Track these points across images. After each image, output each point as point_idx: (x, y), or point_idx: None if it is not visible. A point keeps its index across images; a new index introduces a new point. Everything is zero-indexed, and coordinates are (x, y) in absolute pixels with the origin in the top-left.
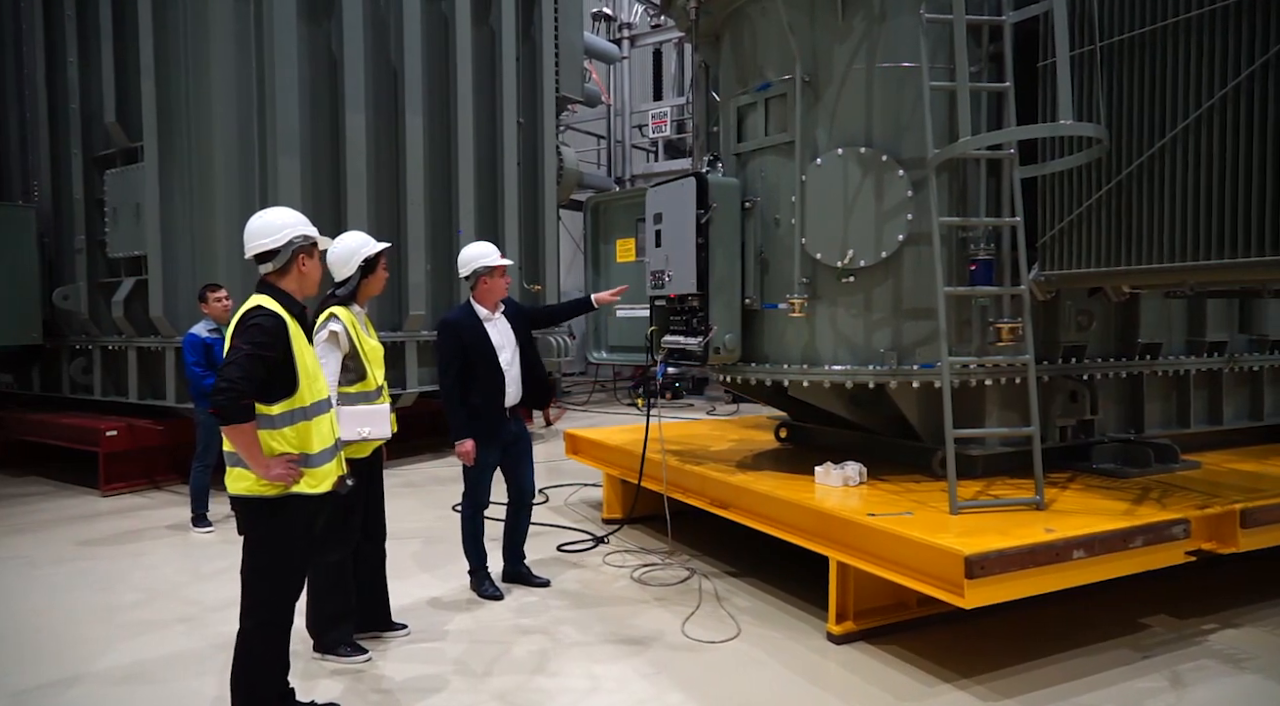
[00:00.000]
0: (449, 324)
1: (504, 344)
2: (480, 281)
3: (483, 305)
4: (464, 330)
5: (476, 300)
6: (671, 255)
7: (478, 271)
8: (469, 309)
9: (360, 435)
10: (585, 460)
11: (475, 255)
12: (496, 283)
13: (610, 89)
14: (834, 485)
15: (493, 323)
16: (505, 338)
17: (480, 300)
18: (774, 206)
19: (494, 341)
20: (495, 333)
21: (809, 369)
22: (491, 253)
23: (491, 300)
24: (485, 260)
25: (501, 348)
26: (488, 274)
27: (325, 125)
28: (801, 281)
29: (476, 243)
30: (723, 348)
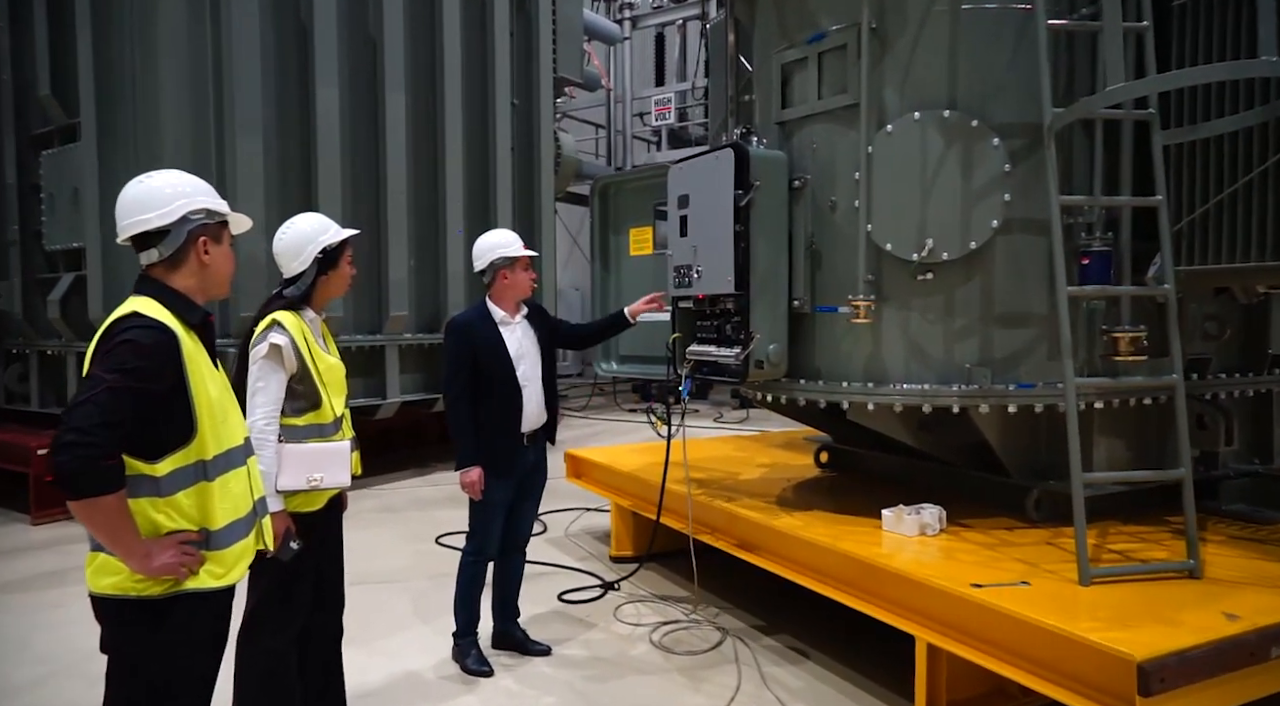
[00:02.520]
0: (458, 325)
1: (524, 353)
2: (498, 276)
3: (500, 305)
4: (476, 334)
5: (493, 299)
6: (701, 246)
7: (495, 264)
8: (483, 309)
9: (310, 483)
10: (590, 486)
11: (492, 244)
12: (518, 278)
13: (610, 74)
14: (907, 534)
15: (511, 327)
16: (526, 346)
17: (497, 299)
18: (829, 186)
19: (511, 349)
20: (514, 339)
21: (874, 388)
22: (511, 241)
23: (511, 300)
24: (504, 250)
25: (520, 357)
26: (507, 267)
27: (293, 101)
28: (866, 279)
29: (492, 231)
30: (766, 361)
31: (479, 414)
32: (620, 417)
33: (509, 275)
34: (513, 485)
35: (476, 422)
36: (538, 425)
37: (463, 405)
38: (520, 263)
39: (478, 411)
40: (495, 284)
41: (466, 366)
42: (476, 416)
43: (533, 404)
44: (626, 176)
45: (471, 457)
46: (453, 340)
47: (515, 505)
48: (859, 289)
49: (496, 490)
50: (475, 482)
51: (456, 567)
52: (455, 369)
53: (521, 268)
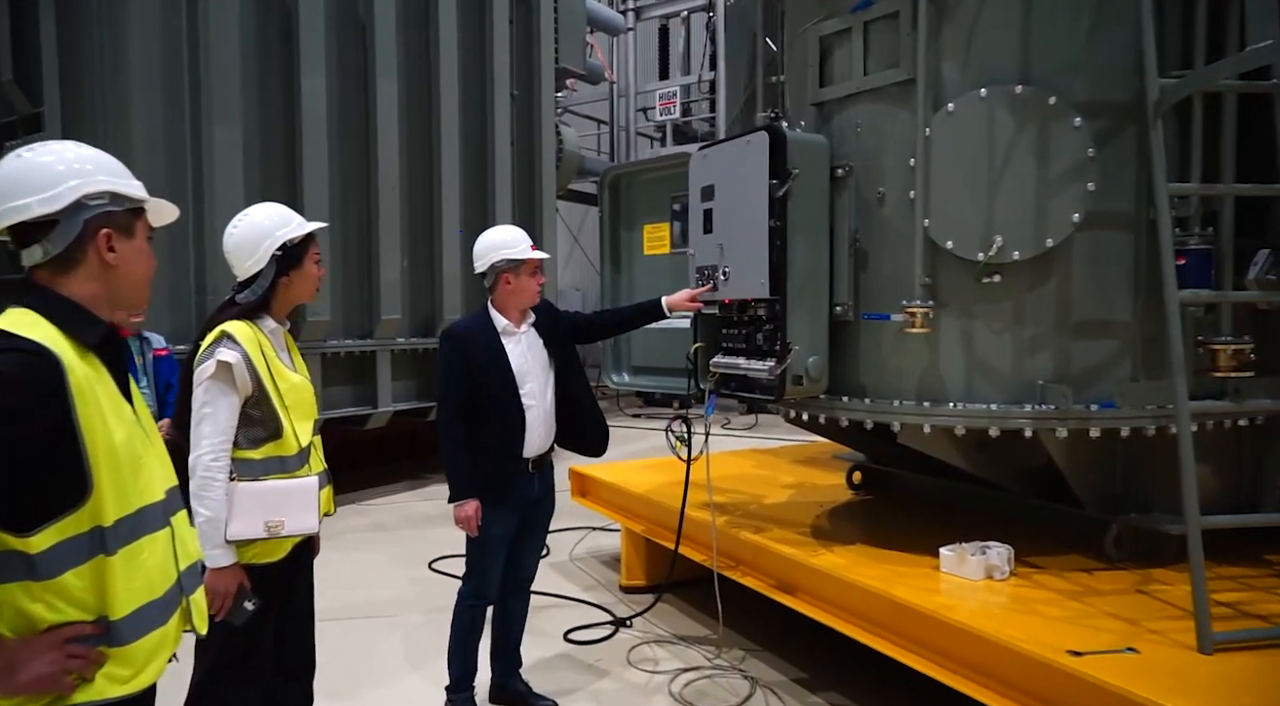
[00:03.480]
0: (453, 336)
1: (530, 368)
2: (501, 281)
3: (504, 313)
4: (474, 346)
5: (495, 306)
6: (729, 244)
7: (497, 267)
8: (484, 317)
9: (269, 530)
10: (597, 508)
11: (494, 243)
12: (524, 284)
13: (614, 67)
14: (971, 578)
15: (516, 338)
16: (532, 359)
17: (501, 306)
18: (876, 175)
19: (514, 364)
20: (518, 352)
21: (931, 408)
22: (516, 240)
23: (516, 307)
24: (508, 250)
25: (525, 373)
26: (512, 270)
27: (276, 89)
28: (923, 283)
29: (497, 227)
30: (805, 376)
31: (476, 438)
32: (626, 424)
33: (513, 280)
34: (515, 518)
35: (473, 448)
36: (544, 449)
37: (456, 427)
38: (527, 266)
39: (475, 434)
40: (497, 289)
41: (461, 382)
42: (473, 440)
43: (538, 426)
44: (640, 166)
45: (467, 489)
46: (446, 351)
47: (517, 540)
48: (914, 293)
49: (496, 524)
50: (471, 518)
51: (454, 599)
52: (449, 385)
53: (528, 271)
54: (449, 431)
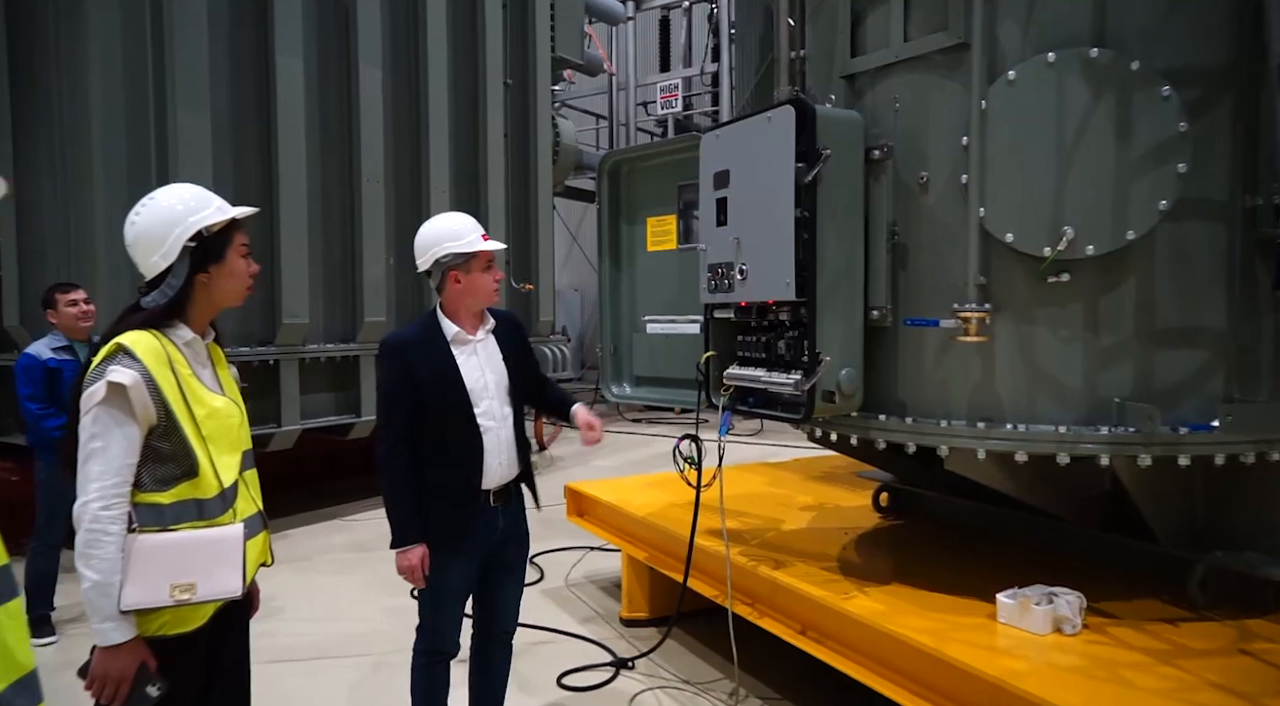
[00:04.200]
0: (392, 349)
1: (488, 384)
2: (449, 279)
3: (454, 318)
4: (419, 359)
5: (445, 310)
6: (746, 238)
7: (443, 263)
8: (430, 324)
9: (177, 595)
10: (595, 529)
11: (436, 235)
12: (477, 281)
13: (613, 58)
14: (1036, 631)
15: (469, 348)
16: (491, 372)
17: (451, 310)
18: (919, 157)
19: (469, 378)
20: (473, 364)
21: (987, 430)
22: (464, 231)
23: (469, 310)
24: (454, 243)
25: (482, 389)
26: (461, 266)
27: (249, 73)
28: (978, 283)
29: (440, 216)
30: (837, 391)
31: (425, 469)
32: (625, 430)
33: (463, 277)
34: (475, 563)
35: (421, 482)
36: (506, 479)
37: (401, 459)
38: (478, 260)
39: (423, 466)
40: (445, 289)
41: (405, 404)
42: (421, 473)
43: (500, 453)
44: (643, 151)
45: (412, 532)
46: (386, 368)
47: (488, 588)
48: (967, 295)
49: (452, 572)
50: (416, 567)
51: None
52: (389, 409)
53: (480, 266)
54: (391, 464)
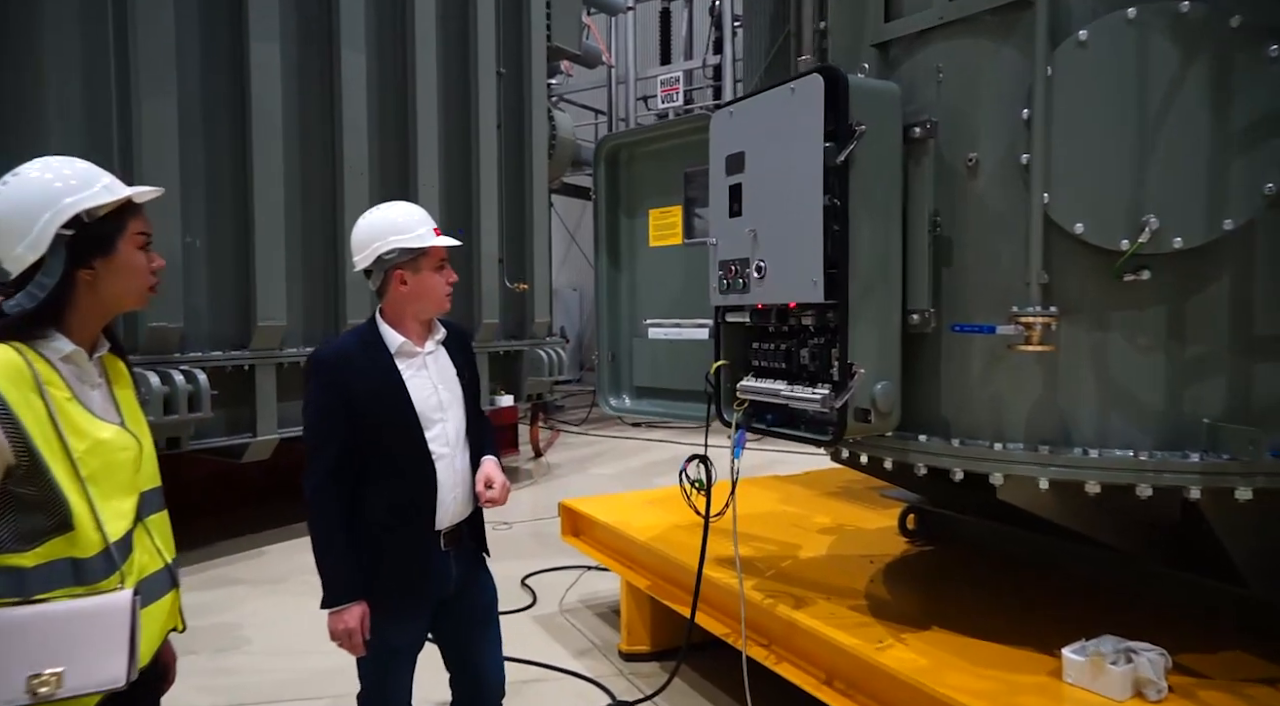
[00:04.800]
0: (325, 364)
1: (441, 402)
2: (394, 280)
3: (398, 326)
4: (356, 376)
5: (387, 317)
6: (765, 231)
7: (386, 260)
8: (370, 335)
9: (33, 692)
10: (592, 552)
11: (379, 227)
12: (427, 283)
13: (612, 51)
14: (1114, 696)
15: (417, 361)
16: (444, 390)
17: (395, 317)
18: (967, 135)
19: (417, 398)
20: (422, 381)
21: (1051, 455)
22: (413, 222)
23: (417, 317)
24: (400, 237)
25: (433, 410)
26: (408, 265)
27: (221, 57)
28: (1041, 282)
29: (385, 205)
30: (873, 408)
31: (364, 509)
32: (625, 435)
33: (410, 278)
34: (425, 621)
35: (360, 524)
36: (463, 515)
37: (333, 498)
38: (429, 257)
39: (361, 505)
40: (389, 292)
41: (340, 431)
42: (360, 514)
43: (455, 485)
44: (645, 133)
45: (348, 587)
46: (316, 387)
47: (464, 648)
48: (1028, 297)
49: (399, 631)
50: (355, 631)
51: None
52: (320, 437)
53: (431, 266)
54: (323, 503)
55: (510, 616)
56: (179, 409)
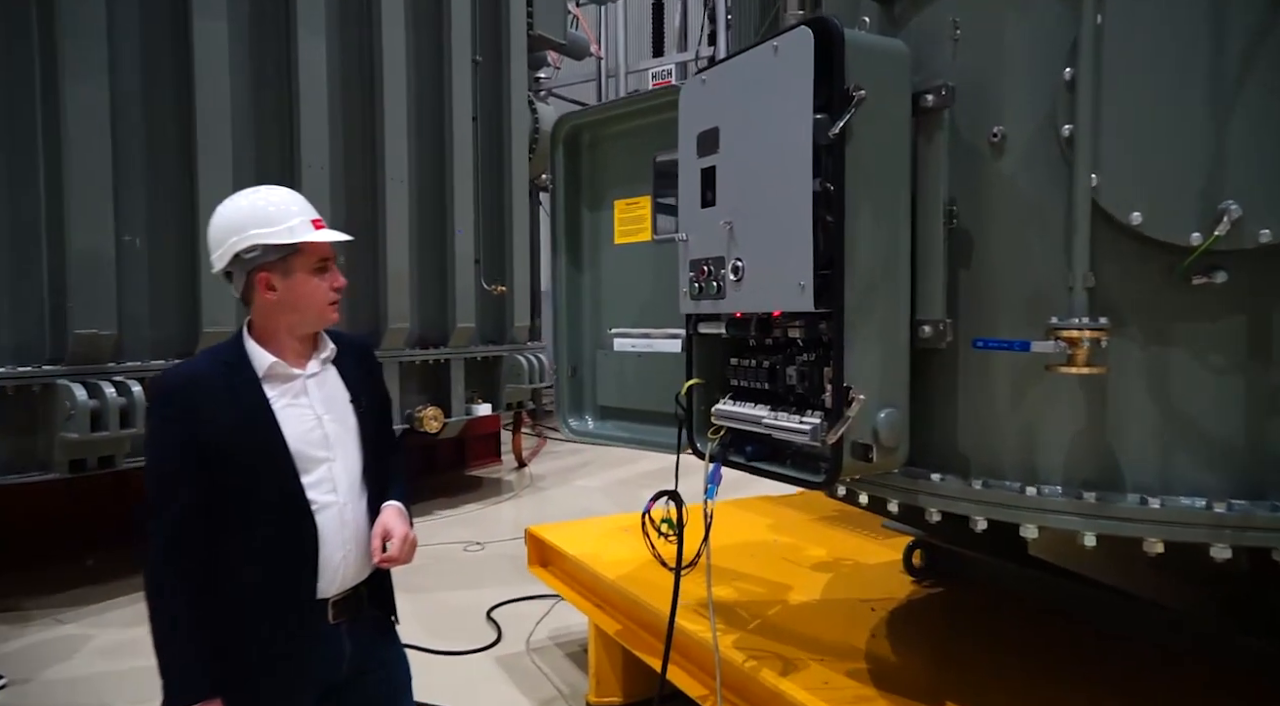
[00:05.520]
0: (171, 392)
1: (327, 438)
2: (258, 285)
3: (269, 343)
4: (212, 407)
5: (255, 332)
6: (744, 222)
7: (247, 259)
8: (233, 354)
9: None
10: (561, 587)
11: (241, 216)
12: (303, 289)
13: (602, 42)
14: None
15: (294, 387)
16: (331, 422)
17: (264, 332)
18: (991, 104)
19: (292, 434)
20: (301, 411)
21: (1100, 504)
22: (284, 211)
23: (292, 331)
24: (264, 231)
25: (315, 446)
26: (276, 266)
27: (162, 37)
28: (1086, 285)
29: (249, 191)
30: (875, 443)
31: (220, 577)
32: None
33: (279, 283)
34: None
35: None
36: (355, 580)
37: (174, 572)
38: (304, 257)
39: (219, 570)
40: (256, 300)
41: (189, 479)
42: (217, 582)
43: (345, 542)
44: (609, 111)
45: (197, 682)
46: (159, 423)
47: None
48: (1072, 305)
49: None
50: None
51: None
52: (163, 486)
53: (308, 267)
54: (163, 574)
55: (470, 657)
56: (109, 425)
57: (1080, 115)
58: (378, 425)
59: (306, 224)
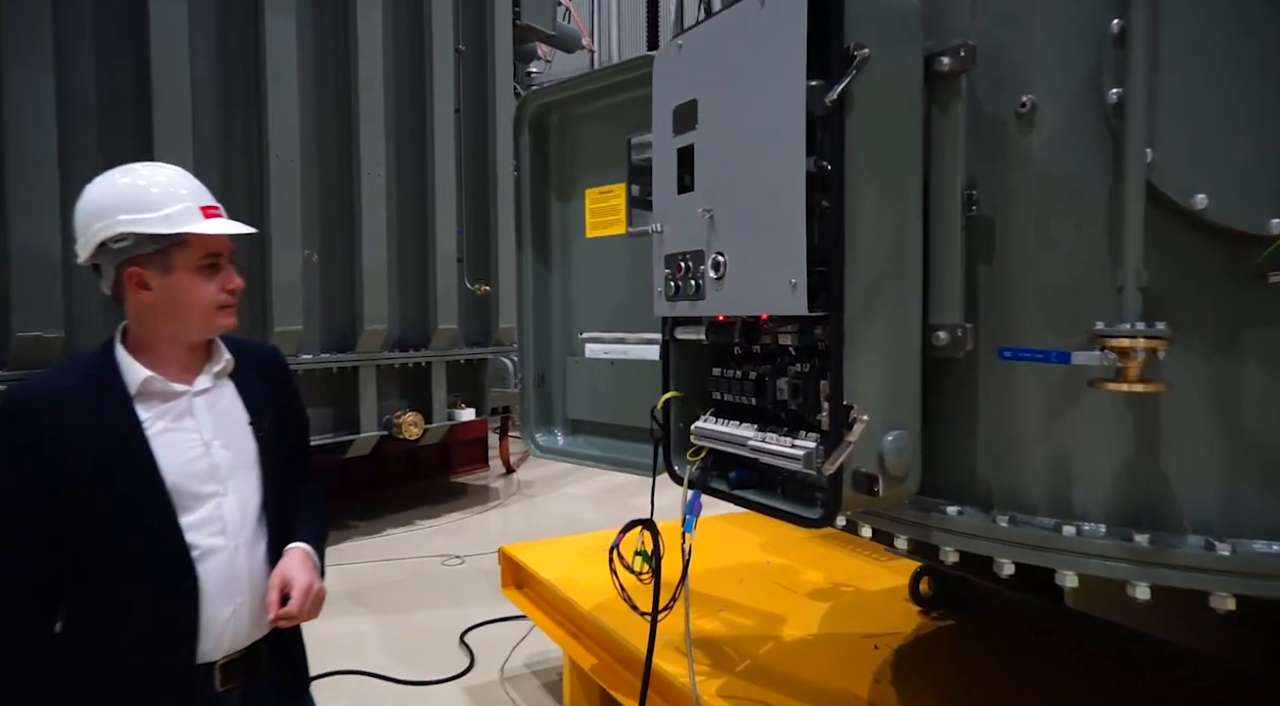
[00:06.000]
0: (13, 413)
1: (216, 468)
2: (129, 283)
3: (145, 355)
4: (69, 432)
5: (129, 342)
6: (726, 210)
7: (116, 250)
8: (98, 368)
9: None
10: (535, 614)
11: (105, 200)
12: (184, 288)
13: (595, 34)
14: None
15: (175, 408)
16: (221, 449)
17: (138, 341)
18: (1017, 68)
19: (170, 464)
20: (184, 437)
21: (1155, 548)
22: (163, 195)
23: (174, 339)
24: (138, 216)
25: (202, 481)
26: (152, 261)
27: (117, 17)
28: (1138, 284)
29: (129, 167)
30: (881, 472)
31: (76, 643)
32: None
33: (155, 281)
34: None
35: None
36: (250, 639)
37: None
38: (188, 250)
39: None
40: (128, 300)
41: (30, 527)
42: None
43: (236, 594)
44: (582, 86)
45: None
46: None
47: None
48: (1122, 308)
49: None
50: None
51: None
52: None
53: (191, 263)
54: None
55: (438, 687)
56: None
57: (1133, 76)
58: (287, 450)
59: (193, 211)
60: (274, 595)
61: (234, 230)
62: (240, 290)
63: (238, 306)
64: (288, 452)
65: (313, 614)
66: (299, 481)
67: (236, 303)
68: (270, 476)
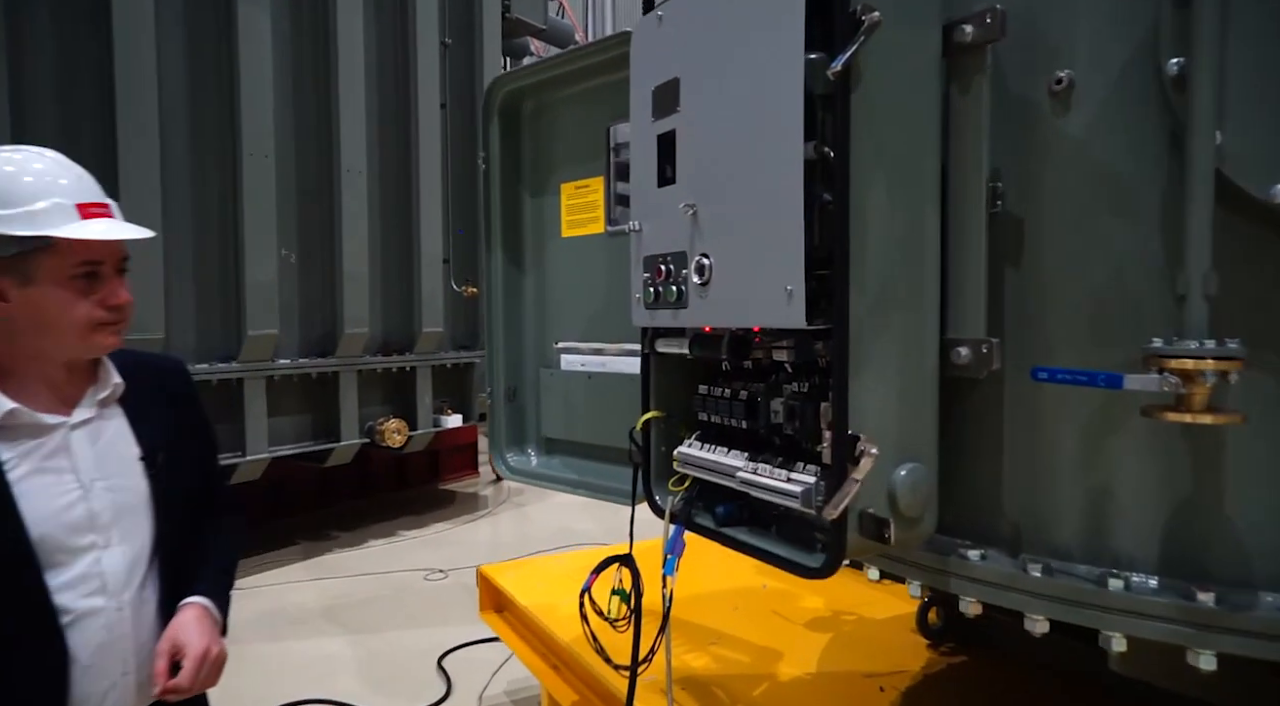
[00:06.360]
0: None
1: (90, 518)
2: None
3: (5, 380)
4: None
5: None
6: (708, 205)
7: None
8: None
9: None
10: (513, 641)
11: None
12: (49, 302)
13: (589, 30)
14: None
15: (44, 447)
16: (104, 491)
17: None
18: (1050, 40)
19: (35, 517)
20: (55, 481)
21: (1220, 608)
22: (32, 188)
23: (45, 360)
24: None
25: (72, 536)
26: (10, 265)
27: (78, 12)
28: (1205, 294)
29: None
30: (892, 514)
31: None
32: None
33: (14, 292)
34: None
35: None
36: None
37: None
38: (57, 257)
39: None
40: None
41: None
42: None
43: (117, 665)
44: (558, 67)
45: None
46: None
47: None
48: (1184, 323)
49: None
50: None
51: None
52: None
53: (63, 272)
54: None
55: None
56: None
57: (1200, 42)
58: (189, 486)
59: (68, 210)
60: (161, 664)
61: (115, 234)
62: (128, 306)
63: (125, 325)
64: (190, 488)
65: (209, 682)
66: (206, 517)
67: (124, 320)
68: (166, 519)
